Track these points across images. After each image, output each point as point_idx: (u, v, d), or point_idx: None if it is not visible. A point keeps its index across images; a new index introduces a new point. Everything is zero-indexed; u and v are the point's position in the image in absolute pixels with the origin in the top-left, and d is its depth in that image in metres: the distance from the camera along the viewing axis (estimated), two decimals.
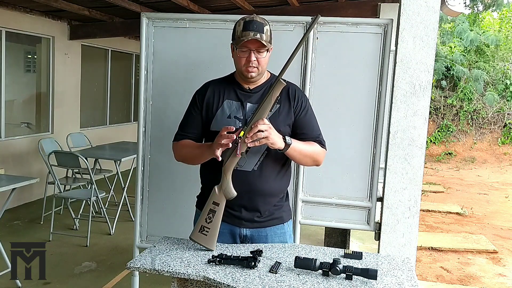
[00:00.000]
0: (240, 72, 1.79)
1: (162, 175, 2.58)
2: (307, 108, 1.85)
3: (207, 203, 1.74)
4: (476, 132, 11.65)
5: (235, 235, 1.84)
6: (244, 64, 1.74)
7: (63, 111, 6.26)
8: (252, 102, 1.79)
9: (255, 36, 1.68)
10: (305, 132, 1.83)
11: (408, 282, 1.49)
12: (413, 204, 2.37)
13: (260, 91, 1.81)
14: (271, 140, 1.64)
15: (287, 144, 1.70)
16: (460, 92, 11.76)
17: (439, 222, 5.98)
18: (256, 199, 1.79)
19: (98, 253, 4.05)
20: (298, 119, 1.81)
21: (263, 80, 1.84)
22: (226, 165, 1.70)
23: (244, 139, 1.63)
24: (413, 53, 2.29)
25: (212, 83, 1.89)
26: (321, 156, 1.86)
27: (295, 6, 4.95)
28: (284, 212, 1.90)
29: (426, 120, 2.33)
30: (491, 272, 4.28)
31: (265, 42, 1.70)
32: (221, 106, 1.81)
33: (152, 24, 2.51)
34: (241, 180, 1.74)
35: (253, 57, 1.71)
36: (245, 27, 1.70)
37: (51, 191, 4.97)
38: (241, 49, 1.72)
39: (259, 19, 1.73)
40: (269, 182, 1.80)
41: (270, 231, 1.85)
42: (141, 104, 2.55)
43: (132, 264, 1.59)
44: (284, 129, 1.77)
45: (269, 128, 1.63)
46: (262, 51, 1.72)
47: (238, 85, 1.83)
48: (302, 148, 1.77)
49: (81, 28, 6.19)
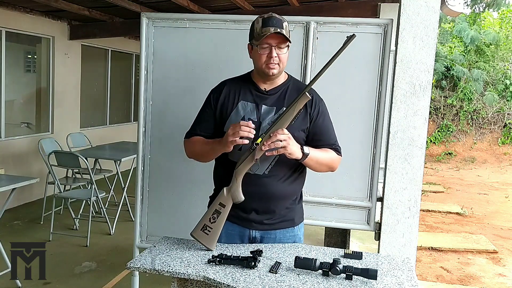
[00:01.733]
0: (260, 70, 1.75)
1: (162, 175, 2.57)
2: (324, 113, 1.82)
3: (214, 202, 1.74)
4: (476, 132, 11.65)
5: (244, 236, 1.82)
6: (265, 61, 1.71)
7: (63, 111, 6.26)
8: (268, 105, 1.77)
9: (275, 31, 1.66)
10: (321, 138, 1.80)
11: (408, 282, 1.49)
12: (413, 204, 2.37)
13: (276, 94, 1.79)
14: (289, 150, 1.63)
15: (304, 154, 1.68)
16: (460, 92, 11.76)
17: (439, 222, 5.98)
18: (267, 202, 1.77)
19: (98, 253, 4.05)
20: (314, 124, 1.79)
21: (280, 81, 1.81)
22: (238, 169, 1.69)
23: (261, 146, 1.62)
24: (413, 53, 2.29)
25: (228, 82, 1.86)
26: (336, 163, 1.84)
27: (295, 6, 4.95)
28: (296, 215, 1.87)
29: (426, 120, 2.33)
30: (491, 272, 4.28)
31: (286, 35, 1.68)
32: (236, 107, 1.78)
33: (152, 24, 2.51)
34: (252, 183, 1.73)
35: (274, 53, 1.69)
36: (264, 24, 1.69)
37: (51, 191, 4.97)
38: (262, 46, 1.70)
39: (277, 15, 1.72)
40: (280, 185, 1.78)
41: (280, 234, 1.83)
42: (141, 104, 2.55)
43: (132, 264, 1.58)
44: (298, 134, 1.74)
45: (288, 138, 1.62)
46: (283, 47, 1.70)
47: (254, 86, 1.80)
48: (318, 157, 1.75)
49: (81, 28, 6.19)
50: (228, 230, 1.79)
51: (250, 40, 1.77)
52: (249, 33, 1.77)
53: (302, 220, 1.92)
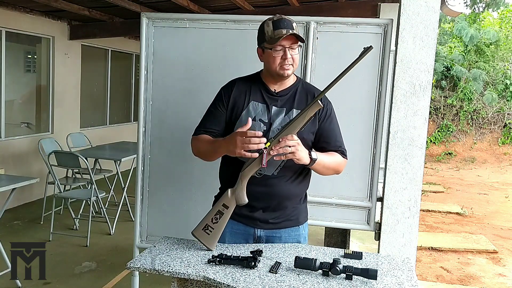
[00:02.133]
0: (274, 72, 1.74)
1: (162, 175, 2.57)
2: (332, 116, 1.82)
3: (217, 203, 1.74)
4: (476, 132, 11.65)
5: (249, 235, 1.82)
6: (280, 62, 1.70)
7: (63, 111, 6.26)
8: (277, 106, 1.77)
9: (288, 32, 1.66)
10: (328, 141, 1.80)
11: (408, 282, 1.49)
12: (413, 204, 2.37)
13: (286, 95, 1.78)
14: (297, 156, 1.62)
15: (312, 159, 1.68)
16: (460, 92, 11.76)
17: (439, 222, 5.98)
18: (274, 202, 1.78)
19: (98, 253, 4.05)
20: (321, 126, 1.79)
21: (290, 82, 1.81)
22: (244, 172, 1.68)
23: (269, 151, 1.61)
24: (413, 53, 2.29)
25: (238, 81, 1.85)
26: (342, 167, 1.84)
27: (295, 6, 4.95)
28: (301, 214, 1.88)
29: (426, 120, 2.33)
30: (491, 272, 4.28)
31: (300, 34, 1.67)
32: (247, 107, 1.77)
33: (152, 24, 2.51)
34: (260, 183, 1.73)
35: (288, 54, 1.69)
36: (275, 26, 1.68)
37: (51, 191, 4.97)
38: (276, 49, 1.69)
39: (286, 17, 1.72)
40: (288, 186, 1.78)
41: (285, 233, 1.83)
42: (141, 104, 2.55)
43: (132, 264, 1.58)
44: (307, 136, 1.75)
45: (297, 144, 1.61)
46: (295, 47, 1.70)
47: (264, 87, 1.79)
48: (326, 161, 1.75)
49: (81, 28, 6.19)
50: (233, 229, 1.79)
51: (260, 43, 1.76)
52: (259, 36, 1.76)
53: (306, 219, 1.92)
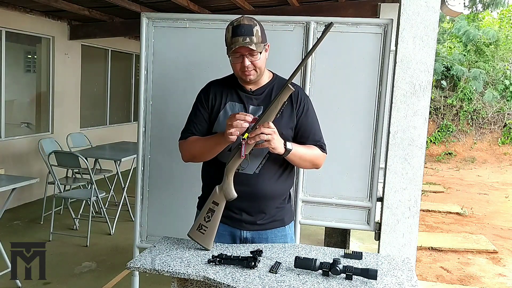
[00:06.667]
0: (238, 77, 1.77)
1: (162, 175, 2.57)
2: (309, 110, 1.82)
3: (207, 202, 1.74)
4: (476, 132, 11.65)
5: (235, 237, 1.82)
6: (240, 69, 1.71)
7: (63, 111, 6.26)
8: (254, 105, 1.77)
9: (244, 41, 1.64)
10: (306, 135, 1.80)
11: (408, 282, 1.49)
12: (413, 204, 2.37)
13: (262, 94, 1.79)
14: (272, 144, 1.63)
15: (287, 150, 1.69)
16: (460, 92, 11.76)
17: (439, 222, 5.98)
18: (257, 202, 1.78)
19: (98, 253, 4.05)
20: (299, 121, 1.79)
21: (265, 81, 1.81)
22: (228, 166, 1.69)
23: (248, 141, 1.62)
24: (413, 53, 2.29)
25: (213, 83, 1.87)
26: (320, 160, 1.84)
27: (295, 6, 4.95)
28: (286, 215, 1.88)
29: (426, 120, 2.33)
30: (491, 272, 4.28)
31: (254, 46, 1.65)
32: (224, 108, 1.78)
33: (152, 24, 2.51)
34: (242, 183, 1.73)
35: (247, 62, 1.68)
36: (233, 33, 1.66)
37: (51, 191, 4.97)
38: (234, 56, 1.69)
39: (247, 20, 1.68)
40: (271, 185, 1.78)
41: (271, 234, 1.84)
42: (141, 104, 2.55)
43: (132, 264, 1.59)
44: (286, 132, 1.75)
45: (273, 132, 1.62)
46: (255, 54, 1.68)
47: (240, 87, 1.80)
48: (302, 153, 1.75)
49: (81, 28, 6.19)
50: (219, 230, 1.78)
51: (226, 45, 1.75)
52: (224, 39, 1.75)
53: (292, 219, 1.93)
